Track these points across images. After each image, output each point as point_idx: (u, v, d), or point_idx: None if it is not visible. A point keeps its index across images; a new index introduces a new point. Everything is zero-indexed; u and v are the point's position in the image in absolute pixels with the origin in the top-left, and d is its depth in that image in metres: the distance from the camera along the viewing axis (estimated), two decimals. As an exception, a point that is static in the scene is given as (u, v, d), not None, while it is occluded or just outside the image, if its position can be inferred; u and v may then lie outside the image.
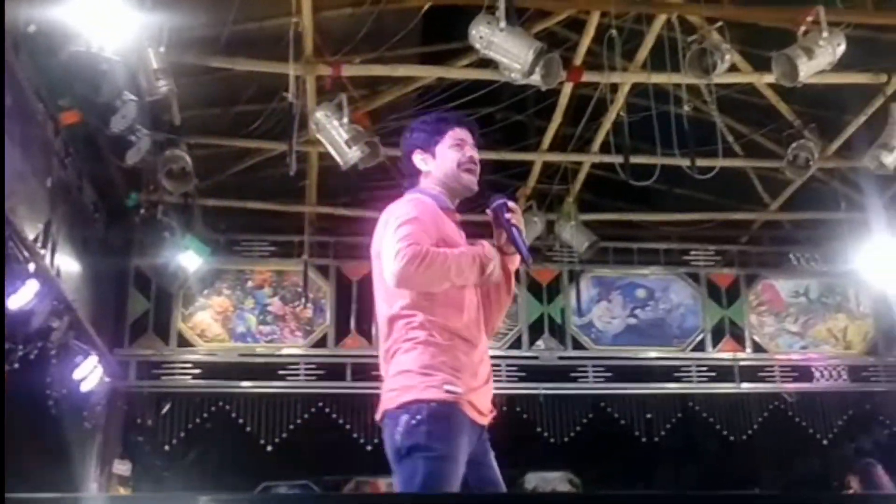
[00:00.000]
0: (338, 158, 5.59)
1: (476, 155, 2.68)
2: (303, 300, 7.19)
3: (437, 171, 2.63)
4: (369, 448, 7.30)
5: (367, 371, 7.41)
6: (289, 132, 5.39)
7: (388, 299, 2.48)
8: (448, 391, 2.35)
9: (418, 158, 2.64)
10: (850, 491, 5.54)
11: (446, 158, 2.62)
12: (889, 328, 7.93)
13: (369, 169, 5.87)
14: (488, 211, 2.69)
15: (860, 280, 7.61)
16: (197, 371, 7.23)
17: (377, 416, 2.46)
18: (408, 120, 6.63)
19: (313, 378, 7.35)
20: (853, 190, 7.00)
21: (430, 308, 2.43)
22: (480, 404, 2.44)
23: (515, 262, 2.68)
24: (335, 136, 5.52)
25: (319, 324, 7.44)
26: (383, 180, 6.66)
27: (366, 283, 7.53)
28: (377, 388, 8.06)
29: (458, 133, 2.65)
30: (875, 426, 8.35)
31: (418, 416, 2.30)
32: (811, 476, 8.58)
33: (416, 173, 2.65)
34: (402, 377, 2.39)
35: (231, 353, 7.30)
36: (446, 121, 2.70)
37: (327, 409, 7.41)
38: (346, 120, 5.46)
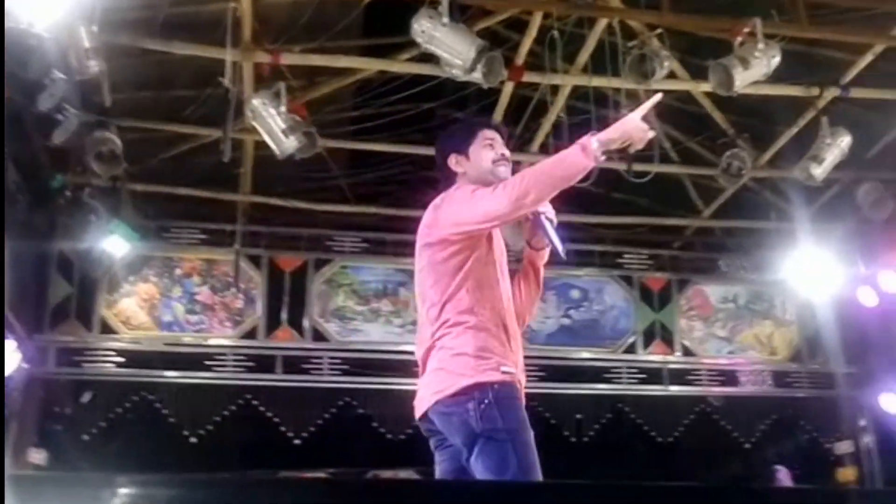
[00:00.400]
0: (274, 148, 5.53)
1: (507, 152, 2.82)
2: (233, 290, 7.09)
3: (473, 171, 2.76)
4: (297, 442, 7.24)
5: (297, 364, 7.36)
6: (224, 119, 5.30)
7: (437, 285, 2.59)
8: (505, 372, 2.50)
9: (453, 162, 2.79)
10: None
11: (480, 158, 2.77)
12: (813, 336, 8.20)
13: (306, 160, 5.82)
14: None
15: (787, 288, 7.85)
16: (120, 359, 7.06)
17: (426, 401, 2.54)
18: (347, 111, 6.63)
19: (242, 370, 7.25)
20: (783, 200, 7.22)
21: (479, 295, 2.56)
22: (523, 391, 2.59)
23: (544, 257, 2.88)
24: (272, 124, 5.45)
25: (250, 315, 7.34)
26: (320, 172, 6.62)
27: (299, 274, 7.57)
28: (308, 381, 7.97)
29: (488, 133, 2.81)
30: (796, 431, 8.61)
31: (486, 400, 2.42)
32: (732, 479, 8.82)
33: (452, 176, 2.80)
34: (457, 361, 2.49)
35: (156, 342, 7.15)
36: (476, 123, 2.91)
37: (255, 402, 7.30)
38: (283, 109, 5.40)
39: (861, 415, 8.12)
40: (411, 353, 8.43)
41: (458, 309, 2.55)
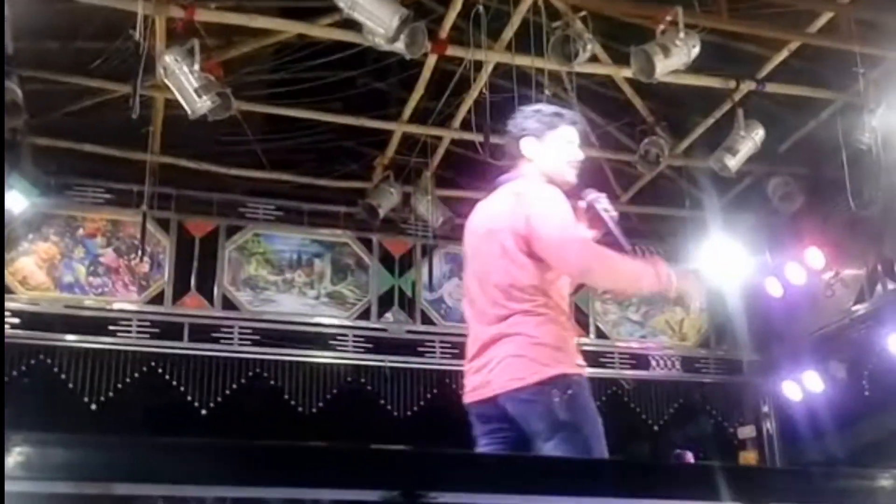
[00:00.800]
0: (186, 107, 5.37)
1: (582, 155, 2.91)
2: (139, 253, 6.89)
3: (544, 162, 2.82)
4: (204, 412, 7.13)
5: (206, 333, 7.23)
6: (134, 74, 5.12)
7: (518, 272, 2.65)
8: (579, 364, 2.64)
9: (528, 145, 2.82)
10: None
11: (557, 152, 2.83)
12: (721, 324, 8.44)
13: (220, 122, 5.68)
14: (582, 204, 2.88)
15: (698, 276, 8.03)
16: (16, 320, 6.80)
17: (501, 386, 2.59)
18: (264, 74, 6.49)
19: (146, 336, 7.07)
20: (697, 189, 7.38)
21: (556, 288, 2.67)
22: None
23: None
24: (184, 82, 5.29)
25: (156, 279, 7.16)
26: (234, 135, 6.47)
27: (210, 240, 7.41)
28: (217, 350, 7.80)
29: (570, 131, 2.86)
30: (702, 415, 8.88)
31: (569, 391, 2.53)
32: (641, 460, 9.05)
33: (517, 157, 2.85)
34: (539, 350, 2.58)
35: (56, 304, 6.92)
36: (561, 116, 2.90)
37: (160, 370, 7.14)
38: (197, 67, 5.24)
39: (764, 401, 8.43)
40: (326, 325, 8.41)
41: (535, 301, 2.64)
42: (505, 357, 2.62)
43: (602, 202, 2.89)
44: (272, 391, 7.44)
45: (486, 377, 2.65)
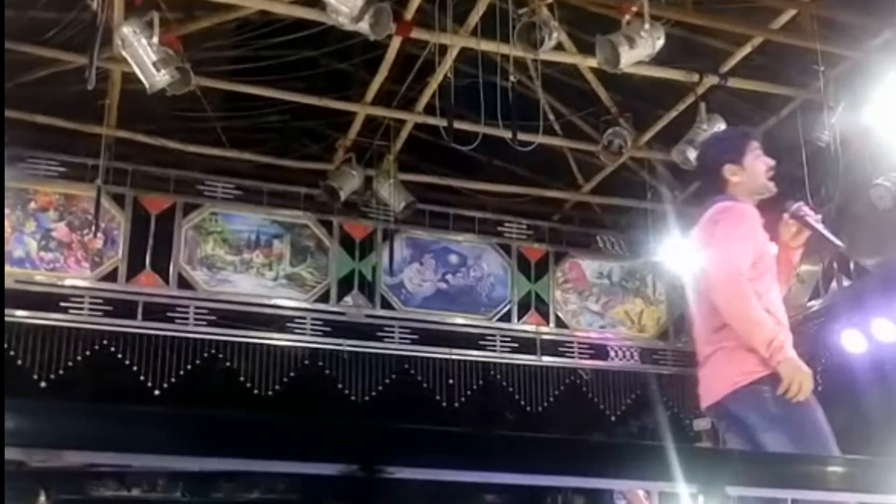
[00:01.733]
0: (144, 80, 5.35)
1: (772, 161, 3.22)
2: (93, 229, 6.85)
3: (749, 182, 3.17)
4: (157, 393, 7.13)
5: (161, 312, 7.21)
6: (90, 45, 5.09)
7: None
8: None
9: (729, 171, 3.16)
10: None
11: (756, 170, 3.18)
12: (679, 316, 8.63)
13: (179, 97, 5.67)
14: (786, 214, 3.26)
15: (658, 268, 8.22)
16: (-37, 295, 6.74)
17: (719, 389, 3.07)
18: (225, 50, 6.48)
19: (99, 314, 7.03)
20: (659, 181, 7.54)
21: (765, 300, 3.06)
22: None
23: (798, 255, 3.33)
24: (142, 55, 5.26)
25: (110, 256, 7.10)
26: (193, 111, 6.46)
27: (166, 217, 7.39)
28: (171, 330, 7.77)
29: (756, 144, 3.21)
30: (659, 407, 9.09)
31: (776, 389, 2.92)
32: (598, 440, 9.21)
33: (721, 183, 3.19)
34: (749, 356, 2.98)
35: (6, 279, 6.85)
36: (746, 134, 3.28)
37: (113, 349, 7.11)
38: (155, 40, 5.22)
39: (719, 394, 8.64)
40: (284, 307, 8.42)
41: None
42: (724, 366, 3.18)
43: (803, 209, 3.26)
44: (228, 373, 7.46)
45: (709, 383, 3.21)
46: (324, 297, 7.69)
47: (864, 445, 6.66)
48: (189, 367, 7.25)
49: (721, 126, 6.23)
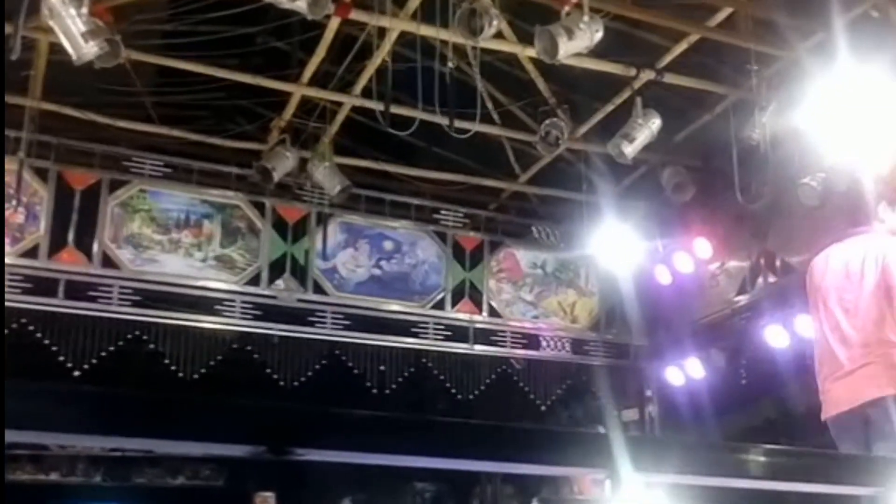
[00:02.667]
0: (71, 52, 5.21)
1: None
2: (14, 203, 6.66)
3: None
4: (77, 374, 6.99)
5: (83, 291, 7.06)
6: (15, 13, 4.95)
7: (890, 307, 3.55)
8: None
9: (882, 210, 3.84)
10: None
11: None
12: (611, 308, 8.81)
13: (108, 70, 5.53)
14: None
15: (592, 260, 8.36)
16: None
17: (868, 394, 3.41)
18: (158, 24, 6.35)
19: (18, 291, 6.83)
20: (595, 174, 7.66)
21: None
22: None
23: None
24: (70, 26, 5.12)
25: (31, 232, 6.92)
26: (123, 85, 6.32)
27: (91, 193, 7.23)
28: (94, 310, 7.56)
29: None
30: (588, 397, 9.27)
31: None
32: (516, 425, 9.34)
33: (866, 217, 3.91)
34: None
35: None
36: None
37: (31, 327, 6.94)
38: (85, 11, 5.08)
39: (648, 385, 8.85)
40: (212, 289, 8.31)
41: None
42: (867, 376, 3.54)
43: None
44: (152, 355, 7.36)
45: (855, 386, 3.55)
46: (254, 280, 7.63)
47: (788, 437, 6.95)
48: (112, 348, 7.13)
49: (656, 121, 6.37)
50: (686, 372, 8.23)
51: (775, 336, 7.24)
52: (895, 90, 5.06)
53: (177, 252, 7.39)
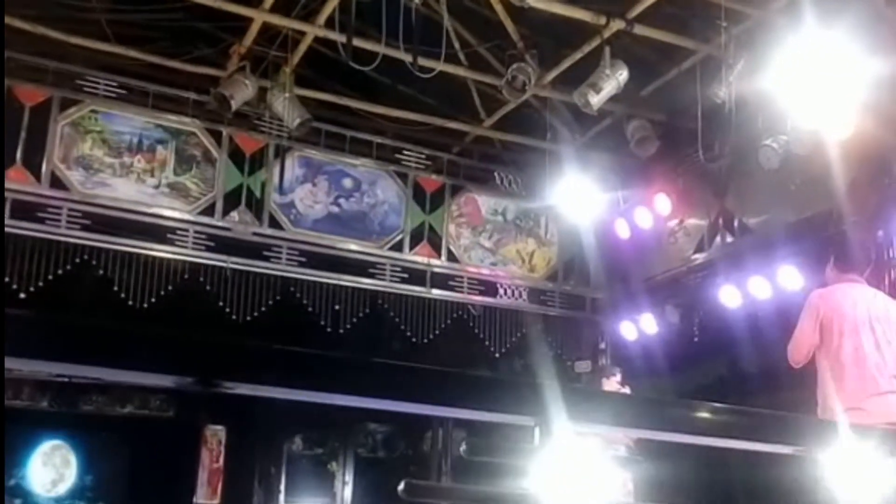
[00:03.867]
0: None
1: None
2: (-42, 117, 6.56)
3: None
4: (23, 296, 6.95)
5: (31, 211, 7.00)
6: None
7: None
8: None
9: None
10: None
11: None
12: (570, 259, 8.94)
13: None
14: None
15: (552, 210, 8.44)
16: None
17: None
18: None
19: (-40, 208, 6.80)
20: (560, 123, 7.71)
21: None
22: None
23: None
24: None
25: (-24, 147, 6.85)
26: (79, 0, 6.21)
27: (41, 111, 7.11)
28: (41, 231, 7.46)
29: None
30: (543, 347, 9.44)
31: None
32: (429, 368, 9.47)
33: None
34: None
35: None
36: None
37: (-26, 245, 6.91)
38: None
39: (602, 338, 9.04)
40: (165, 217, 8.26)
41: None
42: None
43: None
44: (101, 281, 7.33)
45: None
46: (208, 211, 7.61)
47: (739, 396, 7.18)
48: (59, 271, 7.09)
49: (624, 73, 6.42)
50: (640, 327, 8.40)
51: (729, 296, 7.41)
52: (857, 56, 5.15)
53: (128, 177, 7.34)
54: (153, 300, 7.41)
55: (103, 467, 10.60)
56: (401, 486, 1.84)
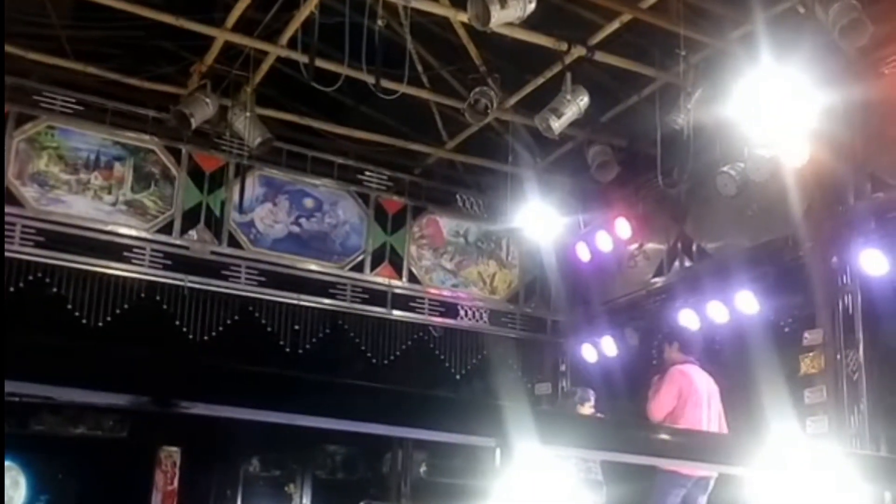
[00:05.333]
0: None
1: None
2: None
3: None
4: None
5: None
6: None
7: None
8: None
9: None
10: None
11: None
12: (531, 281, 9.01)
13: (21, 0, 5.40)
14: None
15: (514, 233, 8.51)
16: None
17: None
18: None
19: None
20: (522, 146, 7.80)
21: None
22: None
23: None
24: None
25: None
26: (37, 16, 6.15)
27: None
28: None
29: None
30: (503, 369, 9.46)
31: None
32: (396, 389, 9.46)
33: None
34: None
35: None
36: None
37: (-76, 263, 6.77)
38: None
39: (562, 360, 9.09)
40: (122, 235, 8.15)
41: None
42: None
43: None
44: (54, 299, 7.22)
45: None
46: (166, 229, 7.54)
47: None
48: (11, 289, 6.97)
49: (585, 99, 6.51)
50: (600, 349, 8.47)
51: (688, 319, 7.51)
52: (811, 86, 5.30)
53: (85, 194, 7.25)
54: (108, 319, 7.32)
55: (54, 490, 10.37)
56: (360, 507, 1.84)
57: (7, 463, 10.15)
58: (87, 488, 10.18)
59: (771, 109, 5.61)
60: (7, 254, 6.92)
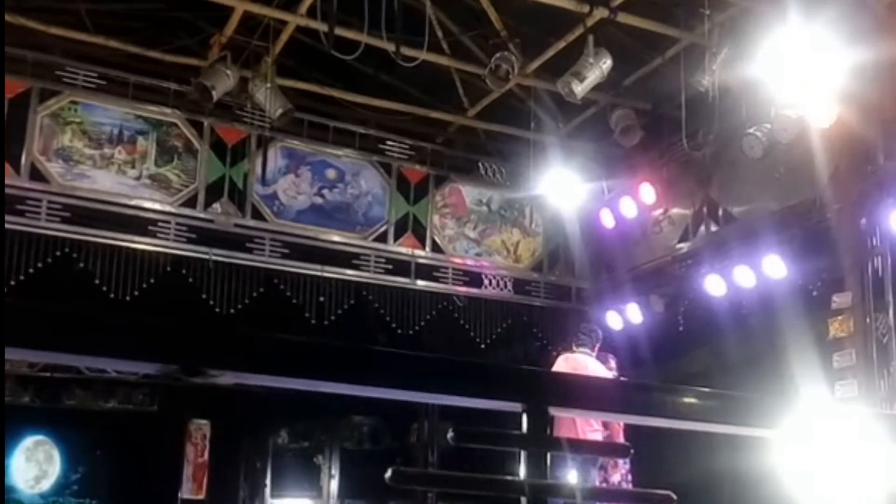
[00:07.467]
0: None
1: None
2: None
3: None
4: (4, 291, 6.93)
5: (10, 204, 6.93)
6: None
7: None
8: None
9: None
10: None
11: None
12: (555, 249, 8.96)
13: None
14: None
15: (537, 200, 8.46)
16: None
17: None
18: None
19: (-61, 201, 6.73)
20: (544, 112, 7.72)
21: None
22: None
23: None
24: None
25: None
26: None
27: (21, 102, 7.00)
28: (21, 224, 7.43)
29: None
30: (528, 337, 9.47)
31: None
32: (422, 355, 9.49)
33: None
34: None
35: None
36: None
37: (-46, 240, 6.85)
38: None
39: (587, 329, 9.06)
40: (146, 209, 8.21)
41: None
42: None
43: None
44: (82, 274, 7.30)
45: None
46: (190, 202, 7.57)
47: (723, 384, 7.22)
48: (39, 265, 7.05)
49: (607, 62, 6.43)
50: (625, 316, 8.43)
51: (714, 285, 7.46)
52: (839, 45, 5.19)
53: (109, 168, 7.29)
54: (135, 293, 7.37)
55: (87, 463, 10.57)
56: (388, 473, 1.84)
57: (40, 437, 10.34)
58: (119, 462, 10.36)
59: (797, 69, 5.51)
60: (34, 230, 7.00)
